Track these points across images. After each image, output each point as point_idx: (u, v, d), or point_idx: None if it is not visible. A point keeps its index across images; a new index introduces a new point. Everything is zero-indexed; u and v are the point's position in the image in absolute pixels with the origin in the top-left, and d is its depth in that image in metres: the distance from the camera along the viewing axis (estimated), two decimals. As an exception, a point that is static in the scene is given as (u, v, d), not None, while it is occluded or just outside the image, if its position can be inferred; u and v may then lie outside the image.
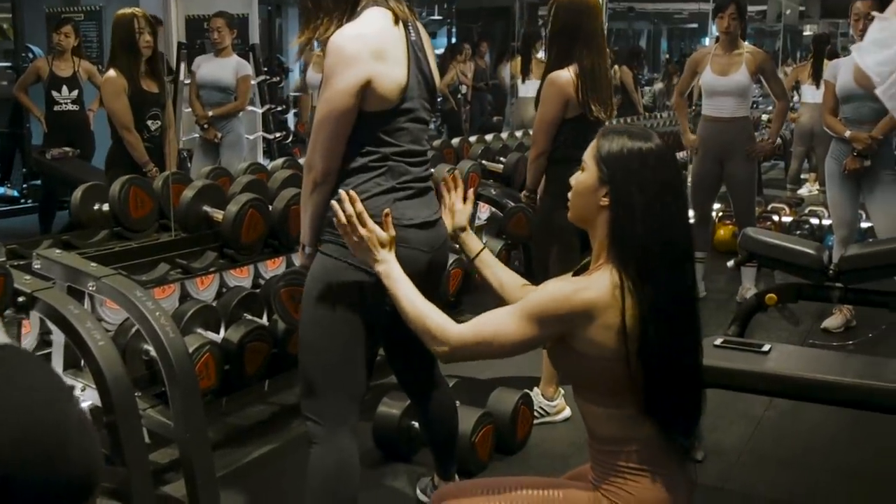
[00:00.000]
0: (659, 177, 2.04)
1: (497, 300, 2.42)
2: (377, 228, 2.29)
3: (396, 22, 2.51)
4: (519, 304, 2.08)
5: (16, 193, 8.87)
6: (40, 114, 7.36)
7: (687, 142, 6.35)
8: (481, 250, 2.47)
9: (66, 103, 7.12)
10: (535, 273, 4.19)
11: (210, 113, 6.85)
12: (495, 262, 2.48)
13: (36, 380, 1.55)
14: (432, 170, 2.63)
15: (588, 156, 2.11)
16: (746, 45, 5.85)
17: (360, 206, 2.29)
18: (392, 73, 2.47)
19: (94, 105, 7.54)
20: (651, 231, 2.01)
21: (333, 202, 2.35)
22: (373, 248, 2.28)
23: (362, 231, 2.28)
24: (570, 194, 2.16)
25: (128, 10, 5.45)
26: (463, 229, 2.50)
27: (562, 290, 2.04)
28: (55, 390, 1.61)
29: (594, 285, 2.00)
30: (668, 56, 16.17)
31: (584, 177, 2.10)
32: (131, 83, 5.18)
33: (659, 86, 13.41)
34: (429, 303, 2.18)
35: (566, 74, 3.72)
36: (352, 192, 2.33)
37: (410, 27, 2.56)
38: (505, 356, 2.14)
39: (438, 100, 8.64)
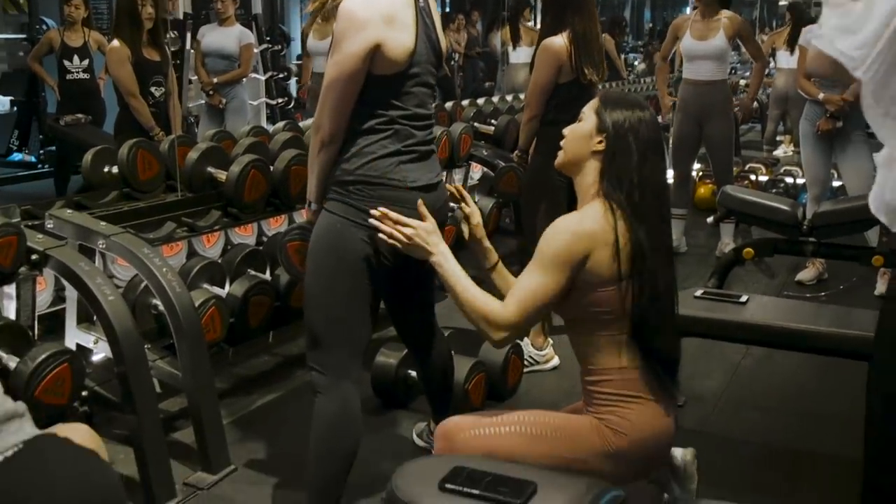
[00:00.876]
0: (651, 133, 2.21)
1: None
2: (419, 223, 2.28)
3: None
4: (534, 261, 2.11)
5: (33, 159, 8.79)
6: (53, 82, 7.28)
7: (663, 106, 6.32)
8: (497, 262, 2.42)
9: (77, 72, 7.03)
10: (524, 228, 4.16)
11: (215, 80, 6.78)
12: (508, 274, 2.43)
13: (75, 454, 1.57)
14: (435, 132, 2.58)
15: (589, 107, 2.26)
16: (725, 12, 5.77)
17: (394, 214, 2.29)
18: (401, 38, 2.42)
19: (104, 74, 7.46)
20: (641, 175, 2.15)
21: (372, 220, 2.32)
22: (423, 243, 2.26)
23: (408, 231, 2.27)
24: (563, 141, 2.27)
25: None
26: (481, 239, 2.43)
27: (565, 228, 2.11)
28: (93, 459, 1.62)
29: (588, 216, 2.12)
30: (648, 35, 16.00)
31: (582, 125, 2.24)
32: (134, 52, 5.09)
33: (641, 66, 13.29)
34: (481, 290, 2.17)
35: (559, 41, 3.69)
36: (382, 210, 2.31)
37: None
38: (550, 310, 2.19)
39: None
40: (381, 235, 2.30)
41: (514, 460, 2.05)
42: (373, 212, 2.33)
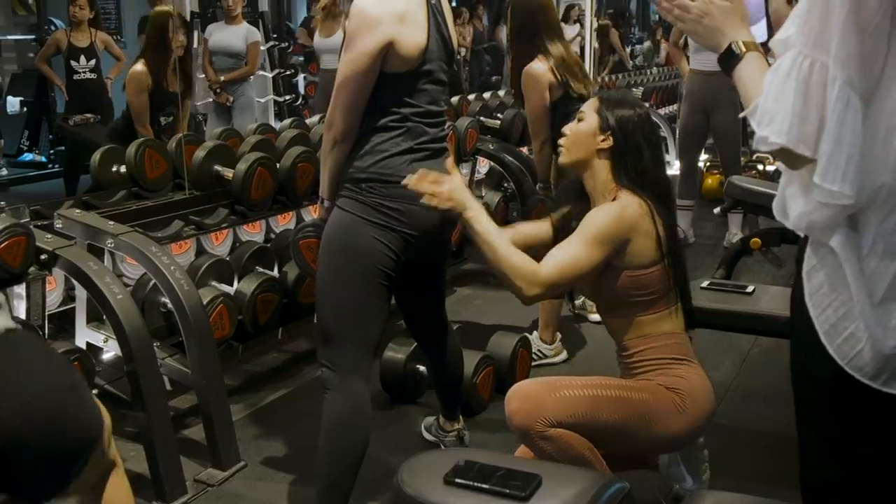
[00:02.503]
0: (653, 130, 2.43)
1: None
2: (451, 180, 2.24)
3: None
4: (580, 234, 2.24)
5: (43, 159, 8.83)
6: (61, 83, 7.30)
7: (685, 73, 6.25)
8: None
9: (84, 72, 7.04)
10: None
11: (222, 78, 6.78)
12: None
13: (35, 357, 1.59)
14: (447, 129, 2.58)
15: (588, 107, 2.40)
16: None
17: (431, 175, 2.22)
18: (413, 36, 2.42)
19: (112, 73, 7.47)
20: (654, 165, 2.37)
21: (409, 184, 2.23)
22: (458, 203, 2.20)
23: (444, 190, 2.21)
24: (564, 141, 2.42)
25: (165, 9, 5.32)
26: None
27: (610, 211, 2.27)
28: (53, 365, 1.65)
29: (628, 206, 2.28)
30: (657, 25, 15.94)
31: (583, 125, 2.38)
32: (155, 81, 5.04)
33: (647, 44, 13.25)
34: (515, 248, 2.22)
35: (540, 64, 3.74)
36: (416, 175, 2.23)
37: None
38: (582, 282, 2.31)
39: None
40: (423, 200, 2.21)
41: (603, 422, 2.21)
42: (409, 177, 2.25)
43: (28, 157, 8.90)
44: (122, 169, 3.77)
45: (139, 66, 5.08)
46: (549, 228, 2.55)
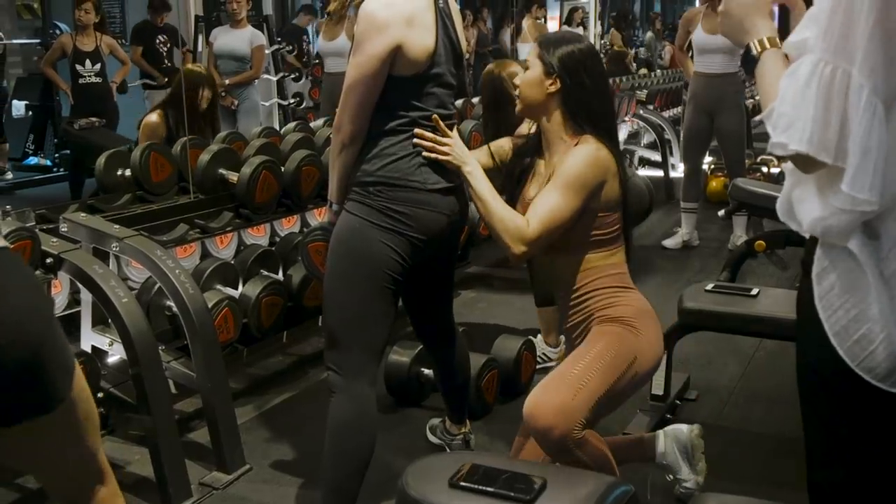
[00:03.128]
0: (598, 63, 2.49)
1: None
2: (450, 140, 2.46)
3: None
4: (557, 181, 2.32)
5: (48, 163, 8.85)
6: (66, 87, 7.31)
7: (688, 74, 6.23)
8: None
9: (89, 76, 7.06)
10: None
11: (227, 81, 6.79)
12: None
13: (25, 277, 1.62)
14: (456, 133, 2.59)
15: (531, 55, 2.46)
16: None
17: (429, 135, 2.45)
18: (421, 39, 2.42)
19: (118, 77, 7.49)
20: (602, 104, 2.44)
21: (416, 138, 2.45)
22: (458, 157, 2.45)
23: (447, 148, 2.45)
24: (517, 91, 2.49)
25: (197, 68, 5.23)
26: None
27: (588, 155, 2.33)
28: (40, 290, 1.69)
29: (600, 147, 2.35)
30: (656, 14, 15.92)
31: (530, 73, 2.44)
32: (169, 132, 4.82)
33: (649, 34, 13.22)
34: (506, 205, 2.37)
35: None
36: (419, 132, 2.46)
37: None
38: (566, 228, 2.34)
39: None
40: (425, 154, 2.45)
41: (608, 392, 2.29)
42: (416, 131, 2.46)
43: (33, 160, 8.93)
44: (128, 172, 3.78)
45: (154, 117, 4.82)
46: (487, 159, 2.64)
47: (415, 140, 2.45)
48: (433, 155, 2.44)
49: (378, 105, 2.45)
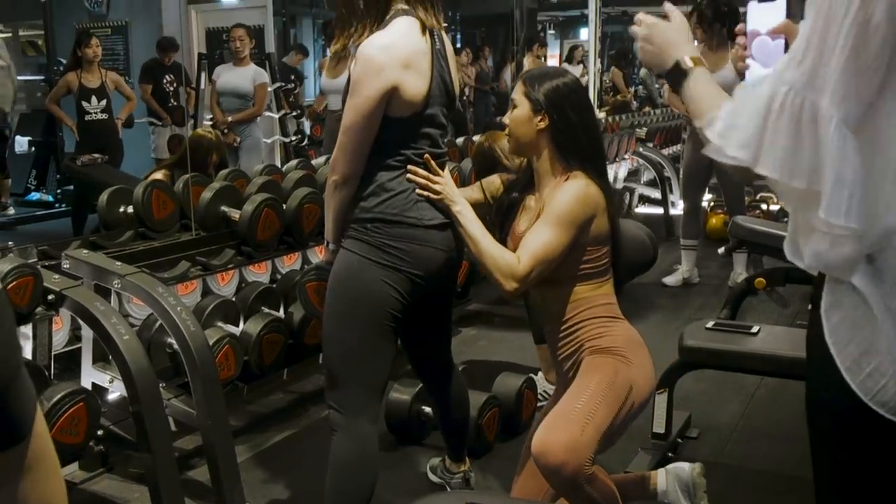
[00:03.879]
0: (582, 97, 2.51)
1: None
2: (441, 179, 2.50)
3: (423, 31, 2.48)
4: (547, 217, 2.35)
5: (50, 198, 8.89)
6: (72, 123, 7.35)
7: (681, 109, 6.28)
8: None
9: (95, 112, 7.10)
10: None
11: (229, 118, 6.84)
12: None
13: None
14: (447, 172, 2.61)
15: (517, 94, 2.48)
16: (731, 44, 5.81)
17: (422, 171, 2.49)
18: (416, 82, 2.44)
19: (123, 113, 7.54)
20: (589, 139, 2.46)
21: (409, 176, 2.48)
22: (448, 196, 2.48)
23: (438, 187, 2.48)
24: (508, 131, 2.51)
25: (205, 133, 5.26)
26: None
27: (577, 191, 2.36)
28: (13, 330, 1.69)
29: (590, 183, 2.38)
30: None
31: (517, 112, 2.47)
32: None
33: (643, 70, 13.28)
34: (497, 243, 2.42)
35: None
36: (412, 168, 2.49)
37: (436, 36, 2.53)
38: (556, 264, 2.38)
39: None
40: (418, 191, 2.48)
41: (616, 425, 2.32)
42: (409, 168, 2.48)
43: (35, 196, 8.97)
44: (130, 209, 3.80)
45: (159, 176, 4.95)
46: (479, 194, 2.78)
47: (408, 176, 2.48)
48: (425, 193, 2.48)
49: (374, 144, 2.47)
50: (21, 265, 2.92)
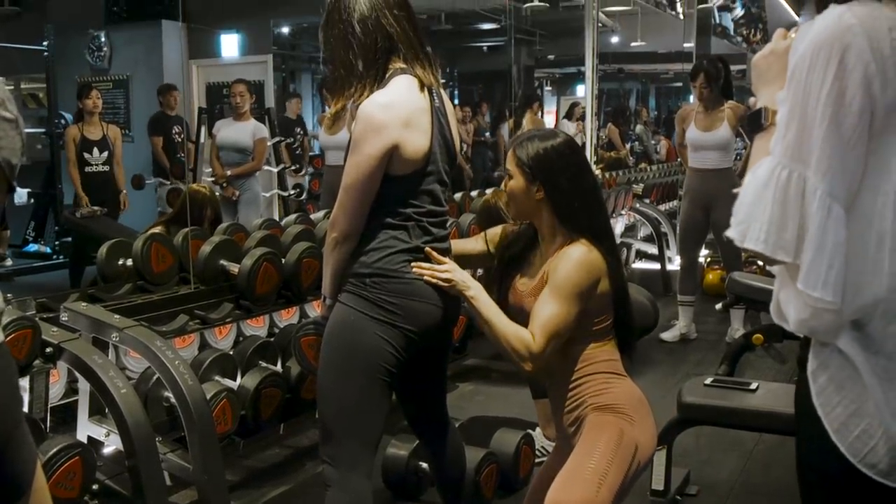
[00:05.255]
0: (574, 161, 2.45)
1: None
2: (450, 264, 2.50)
3: (422, 89, 2.51)
4: (553, 291, 2.32)
5: (48, 250, 8.90)
6: (78, 184, 7.29)
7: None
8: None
9: (97, 164, 7.15)
10: None
11: (228, 173, 6.89)
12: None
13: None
14: (450, 228, 2.64)
15: (510, 164, 2.45)
16: (728, 102, 5.90)
17: (429, 260, 2.50)
18: (417, 140, 2.46)
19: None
20: (586, 203, 2.42)
21: (416, 270, 2.48)
22: (459, 283, 2.46)
23: (446, 275, 2.47)
24: (505, 202, 2.59)
25: (201, 188, 5.33)
26: None
27: (578, 262, 2.33)
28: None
29: (590, 250, 2.35)
30: (641, 106, 16.21)
31: (513, 183, 2.44)
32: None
33: (639, 126, 13.42)
34: (512, 323, 2.36)
35: None
36: (417, 265, 2.48)
37: (434, 93, 2.56)
38: (570, 333, 2.35)
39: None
40: (425, 277, 2.48)
41: (625, 484, 2.32)
42: (414, 264, 2.48)
43: (33, 247, 8.98)
44: (129, 262, 3.81)
45: (156, 230, 5.00)
46: (482, 246, 2.71)
47: (414, 270, 2.47)
48: (434, 281, 2.47)
49: (374, 201, 2.49)
50: (20, 318, 2.93)
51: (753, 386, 3.34)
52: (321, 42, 2.61)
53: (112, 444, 3.27)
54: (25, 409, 3.10)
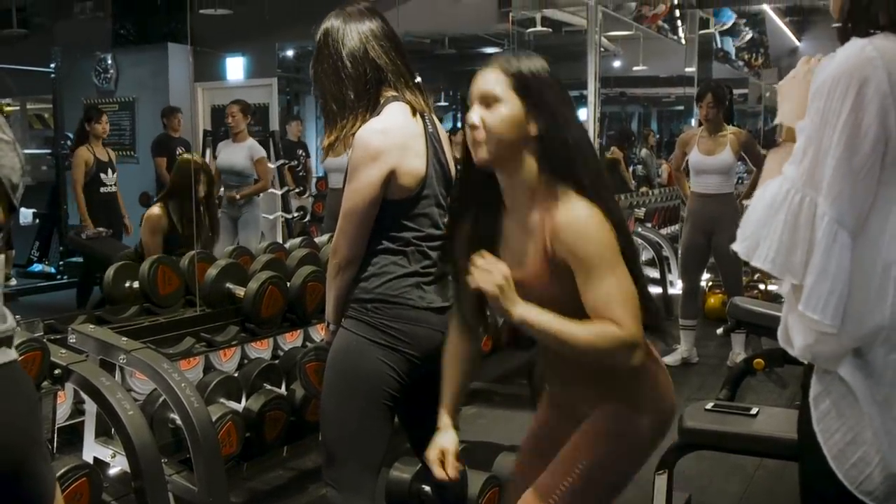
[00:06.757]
0: (567, 93, 2.00)
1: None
2: (505, 272, 1.92)
3: (414, 114, 2.55)
4: (599, 266, 1.87)
5: (52, 270, 8.95)
6: (84, 207, 7.34)
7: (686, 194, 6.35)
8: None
9: (110, 186, 7.20)
10: None
11: (237, 195, 6.92)
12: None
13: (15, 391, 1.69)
14: None
15: (496, 86, 1.93)
16: (730, 127, 5.95)
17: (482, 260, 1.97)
18: (413, 165, 2.50)
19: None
20: (581, 148, 1.96)
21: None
22: (507, 295, 1.91)
23: (500, 281, 1.90)
24: (481, 136, 1.95)
25: (190, 159, 5.47)
26: None
27: (599, 223, 1.90)
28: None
29: (589, 204, 1.92)
30: (649, 130, 16.25)
31: (504, 110, 1.92)
32: (171, 224, 5.18)
33: (644, 151, 13.45)
34: (581, 324, 1.90)
35: None
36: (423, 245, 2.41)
37: (427, 119, 2.60)
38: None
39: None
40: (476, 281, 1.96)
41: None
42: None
43: (38, 267, 9.03)
44: (135, 285, 3.85)
45: (156, 210, 5.23)
46: (466, 338, 2.30)
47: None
48: (484, 287, 1.94)
49: (374, 226, 2.52)
50: (29, 339, 2.96)
51: (754, 411, 3.36)
52: (312, 77, 2.65)
53: (118, 465, 3.29)
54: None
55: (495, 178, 2.04)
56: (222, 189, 6.97)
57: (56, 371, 3.05)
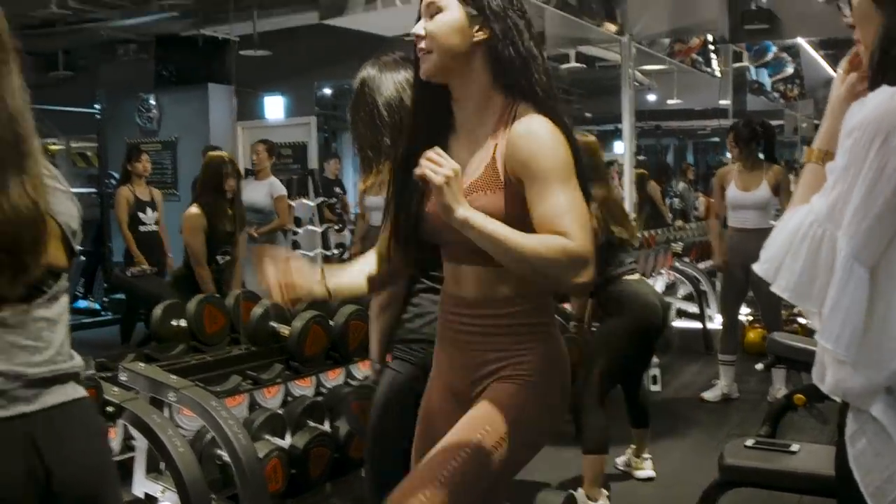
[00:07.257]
0: (521, 6, 1.92)
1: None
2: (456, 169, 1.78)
3: None
4: (553, 179, 1.80)
5: (97, 306, 9.12)
6: (133, 244, 7.49)
7: (715, 261, 6.43)
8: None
9: (150, 224, 7.34)
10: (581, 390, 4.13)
11: (255, 233, 6.99)
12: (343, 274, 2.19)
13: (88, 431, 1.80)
14: None
15: None
16: (766, 163, 5.97)
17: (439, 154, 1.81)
18: None
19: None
20: (534, 57, 1.89)
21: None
22: (452, 196, 1.76)
23: (442, 176, 1.75)
24: (427, 42, 1.89)
25: (218, 154, 5.66)
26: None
27: (555, 138, 1.83)
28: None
29: (552, 124, 1.86)
30: (688, 165, 16.24)
31: (446, 17, 1.87)
32: (209, 222, 5.36)
33: (681, 185, 13.42)
34: (528, 234, 1.79)
35: None
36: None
37: None
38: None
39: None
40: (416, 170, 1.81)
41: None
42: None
43: (83, 303, 9.21)
44: (182, 323, 3.94)
45: (194, 209, 5.42)
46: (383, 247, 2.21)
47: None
48: (418, 174, 1.80)
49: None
50: (86, 377, 3.06)
51: (795, 448, 3.37)
52: (349, 122, 2.73)
53: (167, 501, 3.36)
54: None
55: (447, 99, 1.98)
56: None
57: (108, 408, 3.14)
